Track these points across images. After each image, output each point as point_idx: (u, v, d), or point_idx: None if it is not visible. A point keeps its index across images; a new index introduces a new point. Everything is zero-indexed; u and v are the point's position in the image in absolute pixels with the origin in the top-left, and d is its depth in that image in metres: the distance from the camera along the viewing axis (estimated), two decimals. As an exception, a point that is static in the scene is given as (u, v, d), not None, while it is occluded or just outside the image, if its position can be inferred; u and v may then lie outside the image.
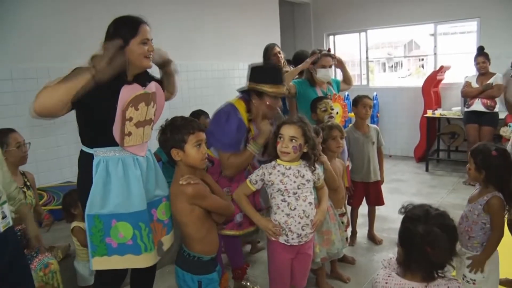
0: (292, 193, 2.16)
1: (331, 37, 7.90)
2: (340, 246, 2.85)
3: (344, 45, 8.00)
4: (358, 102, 3.57)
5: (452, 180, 5.73)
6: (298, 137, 2.14)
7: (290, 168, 2.18)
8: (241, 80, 5.88)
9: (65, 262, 2.76)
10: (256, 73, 2.57)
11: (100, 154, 2.00)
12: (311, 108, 3.35)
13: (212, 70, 5.69)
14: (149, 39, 2.05)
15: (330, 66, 3.64)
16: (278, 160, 2.20)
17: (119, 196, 1.99)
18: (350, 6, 7.34)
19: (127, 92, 1.95)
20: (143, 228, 2.04)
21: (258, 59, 6.09)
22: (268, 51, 4.29)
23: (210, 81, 5.63)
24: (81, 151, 2.07)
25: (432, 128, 6.50)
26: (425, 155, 6.50)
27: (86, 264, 2.65)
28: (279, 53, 4.22)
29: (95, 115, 1.96)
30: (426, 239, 1.44)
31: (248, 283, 2.98)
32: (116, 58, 1.89)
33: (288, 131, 2.15)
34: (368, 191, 3.71)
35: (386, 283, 1.54)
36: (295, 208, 2.17)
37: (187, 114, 3.80)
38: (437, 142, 6.72)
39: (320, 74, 3.60)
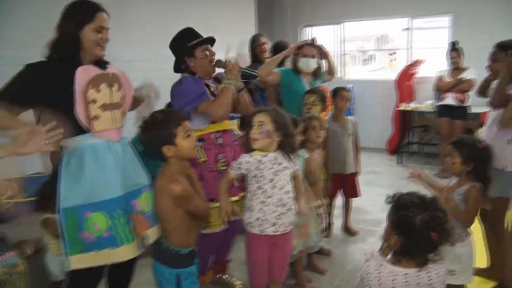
0: (268, 180, 2.15)
1: (307, 29, 7.89)
2: (317, 239, 2.85)
3: (320, 38, 7.99)
4: (336, 94, 3.57)
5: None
6: (266, 122, 2.12)
7: (266, 156, 2.16)
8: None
9: (35, 258, 2.67)
10: (177, 45, 2.72)
11: (69, 143, 1.90)
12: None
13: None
14: (104, 28, 1.99)
15: (313, 56, 3.60)
16: (255, 151, 2.18)
17: (91, 184, 1.89)
18: (327, -1, 7.35)
19: (83, 73, 1.88)
20: (119, 218, 1.93)
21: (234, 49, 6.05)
22: (253, 42, 4.25)
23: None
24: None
25: (405, 121, 6.60)
26: (398, 148, 6.60)
27: (58, 258, 2.54)
28: (264, 44, 4.17)
29: (56, 106, 1.86)
30: (431, 224, 1.49)
31: (225, 276, 2.95)
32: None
33: (257, 117, 2.15)
34: (345, 183, 3.73)
35: (379, 272, 1.56)
36: (271, 196, 2.15)
37: (163, 104, 3.77)
38: (410, 135, 6.84)
39: (302, 63, 3.54)
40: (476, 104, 5.34)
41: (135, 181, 2.06)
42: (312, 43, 3.69)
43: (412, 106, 6.40)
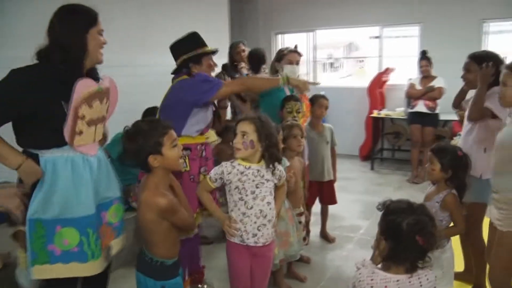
0: (250, 192, 2.12)
1: (279, 36, 7.93)
2: (298, 248, 2.84)
3: (291, 45, 8.05)
4: (315, 102, 3.58)
5: (396, 178, 5.94)
6: (250, 133, 2.09)
7: (249, 168, 2.12)
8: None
9: (4, 272, 2.53)
10: (180, 47, 2.68)
11: (46, 154, 1.84)
12: (281, 105, 3.29)
13: (162, 66, 5.49)
14: (103, 30, 1.97)
15: (297, 63, 3.60)
16: (238, 160, 2.14)
17: (65, 199, 1.85)
18: (299, 6, 7.39)
19: (82, 87, 1.82)
20: (90, 235, 1.91)
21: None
22: (232, 49, 4.22)
23: (159, 76, 5.42)
24: (24, 151, 1.89)
25: (377, 128, 6.71)
26: (370, 154, 6.70)
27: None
28: (243, 51, 4.15)
29: (41, 116, 1.80)
30: (415, 228, 1.52)
31: (205, 286, 2.90)
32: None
33: (240, 126, 2.12)
34: (322, 190, 3.74)
35: (372, 280, 1.56)
36: (251, 207, 2.12)
37: (139, 111, 3.69)
38: (381, 142, 6.95)
39: (287, 70, 3.49)
40: (446, 112, 5.48)
41: (107, 193, 2.06)
42: (296, 50, 3.70)
43: (383, 113, 6.52)
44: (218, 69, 2.75)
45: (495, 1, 5.92)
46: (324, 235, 3.86)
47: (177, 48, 2.70)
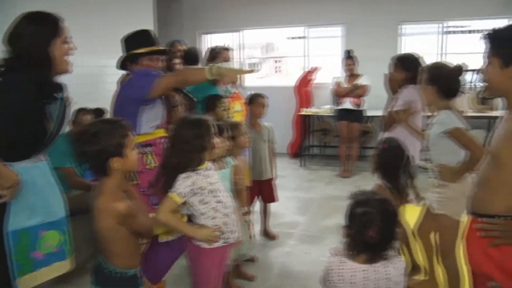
0: (221, 190, 2.07)
1: (205, 36, 7.86)
2: (248, 247, 2.82)
3: (218, 44, 8.00)
4: (253, 101, 3.58)
5: (326, 174, 6.14)
6: None
7: (207, 169, 2.06)
8: (116, 77, 5.48)
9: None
10: (128, 43, 2.64)
11: (15, 164, 1.81)
12: (206, 106, 3.22)
13: (87, 66, 5.18)
14: (69, 36, 1.95)
15: (229, 59, 3.57)
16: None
17: (45, 204, 1.91)
18: (225, 6, 7.39)
19: None
20: (68, 233, 2.02)
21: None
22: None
23: (84, 77, 5.12)
24: None
25: (305, 126, 6.90)
26: (300, 151, 6.86)
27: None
28: (180, 51, 4.02)
29: (22, 133, 1.80)
30: (362, 219, 1.56)
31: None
32: None
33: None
34: (262, 189, 3.75)
35: (342, 269, 1.59)
36: (229, 206, 2.08)
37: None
38: (310, 139, 7.15)
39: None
40: (371, 108, 5.80)
41: None
42: (228, 48, 3.68)
43: (311, 111, 6.71)
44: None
45: (410, 5, 6.38)
46: (266, 233, 3.88)
47: (125, 43, 2.67)
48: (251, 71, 2.88)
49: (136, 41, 2.62)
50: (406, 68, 3.21)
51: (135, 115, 2.47)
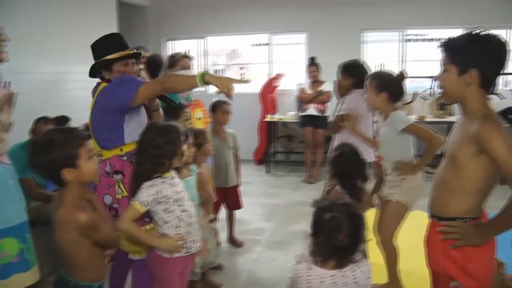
0: (186, 199, 2.02)
1: (170, 43, 7.78)
2: (215, 254, 2.78)
3: (181, 51, 7.94)
4: (217, 108, 3.55)
5: (292, 180, 6.17)
6: None
7: (173, 178, 2.01)
8: (79, 84, 5.32)
9: None
10: (98, 48, 2.43)
11: None
12: (169, 115, 3.14)
13: (47, 73, 5.01)
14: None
15: (189, 68, 3.52)
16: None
17: (3, 210, 1.85)
18: (190, 12, 7.34)
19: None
20: (28, 240, 1.93)
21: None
22: None
23: (43, 84, 4.95)
24: None
25: (270, 132, 6.92)
26: (265, 158, 6.87)
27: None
28: (143, 57, 3.93)
29: None
30: (330, 225, 1.55)
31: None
32: None
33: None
34: (227, 196, 3.71)
35: (309, 276, 1.58)
36: (193, 215, 2.04)
37: (27, 119, 3.36)
38: (275, 145, 7.18)
39: None
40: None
41: None
42: (187, 55, 3.64)
43: (276, 117, 6.74)
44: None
45: (372, 14, 6.54)
46: (232, 240, 3.84)
47: (93, 50, 2.45)
48: (245, 81, 2.62)
49: (106, 46, 2.42)
50: (351, 74, 3.39)
51: (120, 124, 2.32)
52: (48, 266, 2.70)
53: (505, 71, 2.01)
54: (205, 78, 2.14)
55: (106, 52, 2.38)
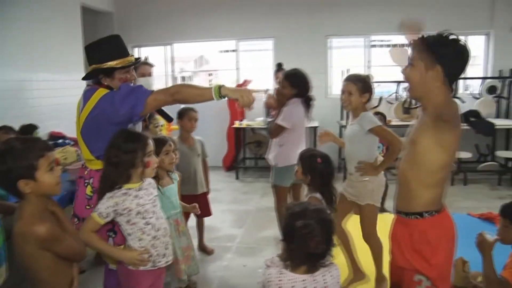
0: (151, 212, 1.97)
1: (136, 49, 7.67)
2: (197, 262, 2.77)
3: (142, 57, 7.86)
4: (183, 115, 3.52)
5: (261, 186, 6.17)
6: None
7: (140, 189, 1.96)
8: (42, 92, 5.19)
9: None
10: (96, 53, 2.24)
11: None
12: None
13: (10, 81, 4.83)
14: None
15: (149, 75, 3.47)
16: (125, 185, 1.92)
17: None
18: (156, 19, 7.27)
19: None
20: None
21: (60, 70, 5.49)
22: None
23: (6, 92, 4.76)
24: None
25: (238, 138, 6.92)
26: (234, 164, 6.86)
27: None
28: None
29: None
30: (303, 231, 1.55)
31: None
32: None
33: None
34: (196, 203, 3.67)
35: (280, 280, 1.59)
36: (159, 229, 1.99)
37: None
38: (244, 151, 7.17)
39: (142, 83, 3.37)
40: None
41: None
42: (147, 62, 3.59)
43: (244, 123, 6.74)
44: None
45: (337, 20, 6.67)
46: (202, 248, 3.81)
47: (91, 52, 2.26)
48: (262, 91, 2.47)
49: (108, 51, 2.23)
50: (296, 85, 3.42)
51: None
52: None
53: (466, 76, 2.11)
54: (221, 91, 2.03)
55: (108, 57, 2.21)
